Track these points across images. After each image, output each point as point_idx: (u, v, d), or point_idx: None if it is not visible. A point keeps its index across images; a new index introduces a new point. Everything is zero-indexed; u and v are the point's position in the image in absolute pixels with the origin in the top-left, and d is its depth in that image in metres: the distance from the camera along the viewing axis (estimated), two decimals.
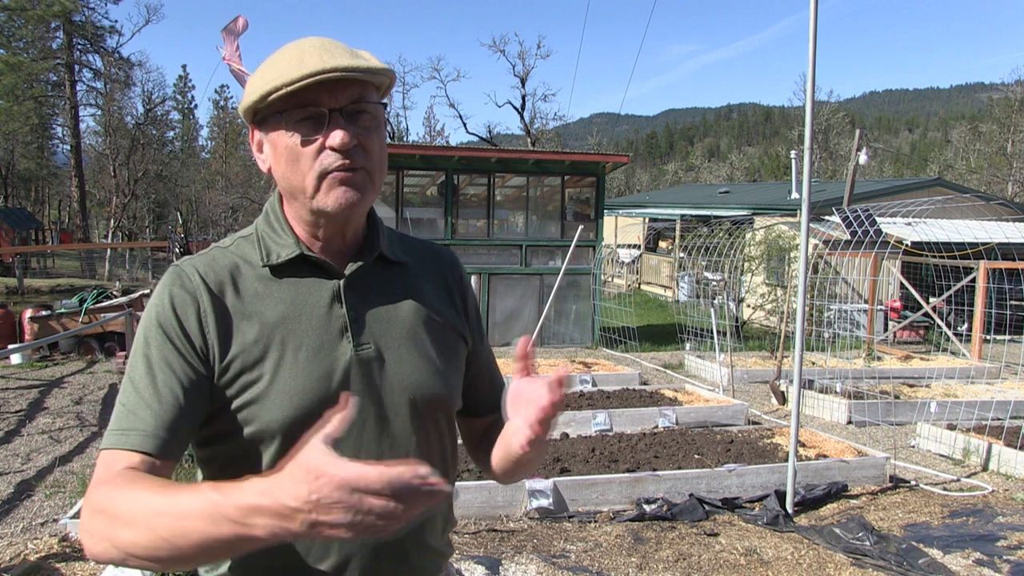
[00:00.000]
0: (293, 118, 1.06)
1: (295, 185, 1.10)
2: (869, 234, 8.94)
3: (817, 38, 4.39)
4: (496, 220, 11.95)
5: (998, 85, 60.42)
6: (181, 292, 1.10)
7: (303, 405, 1.07)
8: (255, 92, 1.07)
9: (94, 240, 37.56)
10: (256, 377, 1.08)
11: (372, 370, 1.13)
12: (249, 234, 1.19)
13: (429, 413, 1.17)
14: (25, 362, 9.59)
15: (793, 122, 51.62)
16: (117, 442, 1.01)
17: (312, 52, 1.06)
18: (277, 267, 1.14)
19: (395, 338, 1.16)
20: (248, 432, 1.08)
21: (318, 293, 1.14)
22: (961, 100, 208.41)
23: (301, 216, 1.14)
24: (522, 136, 38.17)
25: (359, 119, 1.09)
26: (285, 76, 1.04)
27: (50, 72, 35.07)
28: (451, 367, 1.22)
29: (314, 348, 1.10)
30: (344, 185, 1.08)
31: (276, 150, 1.10)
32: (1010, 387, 8.42)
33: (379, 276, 1.19)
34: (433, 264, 1.28)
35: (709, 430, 6.29)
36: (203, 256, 1.16)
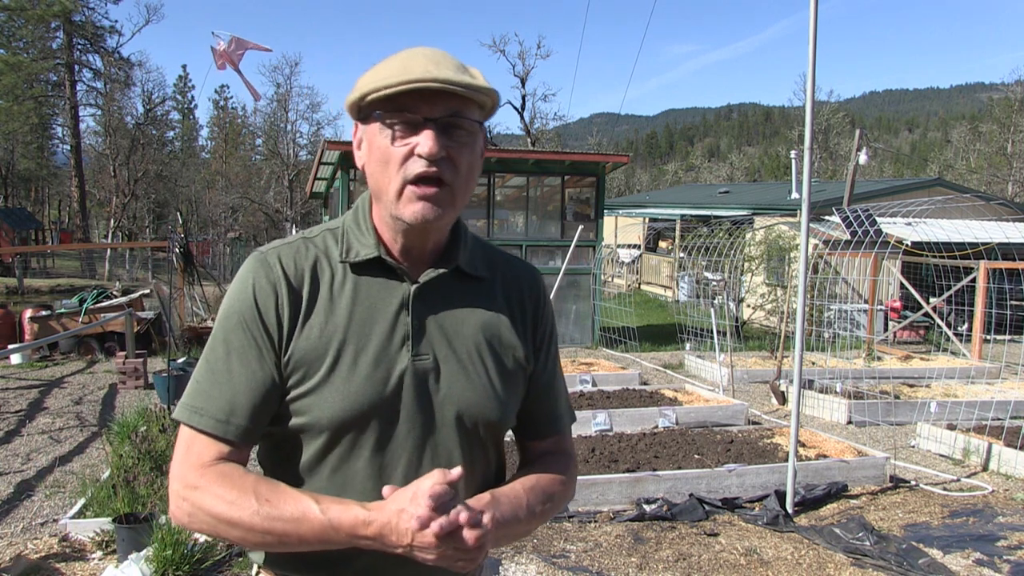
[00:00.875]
0: (390, 121, 1.08)
1: (381, 187, 1.11)
2: (869, 234, 8.93)
3: (817, 38, 4.39)
4: (496, 220, 11.95)
5: (998, 85, 60.38)
6: (263, 281, 1.13)
7: (354, 407, 1.10)
8: (357, 90, 1.09)
9: (94, 240, 37.56)
10: (315, 371, 1.11)
11: (426, 381, 1.14)
12: (336, 227, 1.21)
13: (475, 432, 1.18)
14: (25, 362, 9.59)
15: (793, 122, 51.62)
16: (198, 422, 1.11)
17: (419, 61, 1.07)
18: (355, 265, 1.16)
19: (455, 353, 1.17)
20: (298, 422, 1.12)
21: (389, 297, 1.16)
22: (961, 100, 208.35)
23: (384, 218, 1.16)
24: (522, 136, 38.15)
25: (454, 133, 1.09)
26: (387, 80, 1.05)
27: (50, 72, 35.05)
28: (507, 390, 1.21)
29: (375, 352, 1.13)
30: (424, 200, 1.09)
31: (371, 149, 1.12)
32: (1010, 387, 8.42)
33: (452, 288, 1.20)
34: (512, 282, 1.28)
35: (709, 430, 6.29)
36: (288, 245, 1.18)
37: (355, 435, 1.12)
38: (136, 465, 4.75)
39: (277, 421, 1.14)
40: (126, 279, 20.78)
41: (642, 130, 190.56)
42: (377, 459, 1.13)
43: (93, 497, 4.43)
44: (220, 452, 1.11)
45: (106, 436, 5.85)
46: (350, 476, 1.13)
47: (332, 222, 1.24)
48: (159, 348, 10.10)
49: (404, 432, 1.13)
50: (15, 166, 38.10)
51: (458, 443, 1.16)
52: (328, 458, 1.13)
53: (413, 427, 1.14)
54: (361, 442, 1.12)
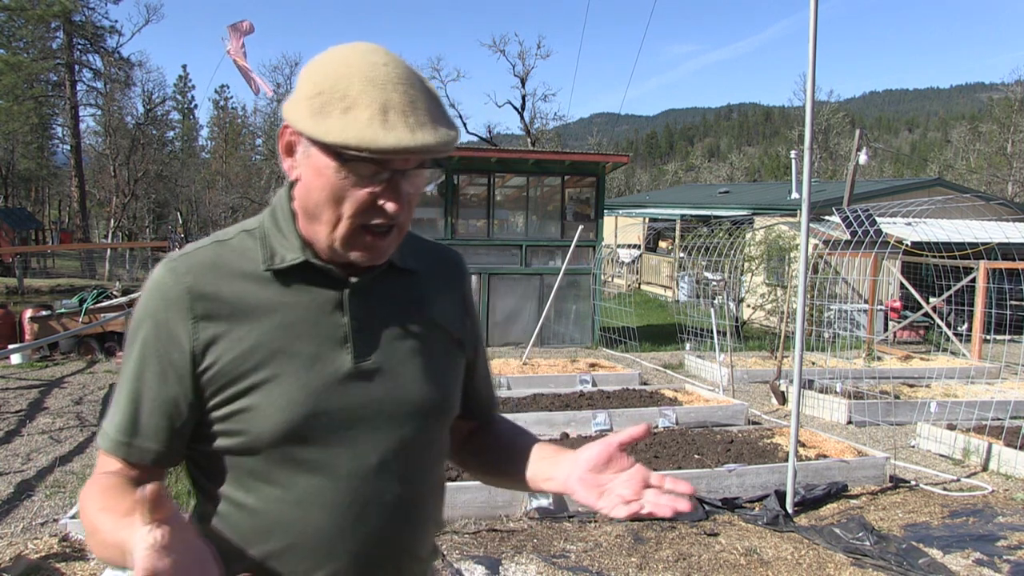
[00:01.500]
0: (355, 165, 0.99)
1: (325, 219, 1.03)
2: (869, 234, 8.93)
3: (817, 38, 4.39)
4: (496, 220, 11.95)
5: (998, 85, 60.40)
6: (172, 294, 1.05)
7: (294, 419, 1.03)
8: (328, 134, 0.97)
9: (94, 240, 37.56)
10: (247, 388, 1.04)
11: (371, 382, 1.09)
12: (253, 228, 1.13)
13: (426, 424, 1.15)
14: (25, 362, 9.59)
15: (793, 122, 51.63)
16: (106, 445, 1.07)
17: (397, 108, 0.97)
18: (279, 271, 1.08)
19: (397, 349, 1.13)
20: (234, 443, 1.05)
21: (321, 300, 1.09)
22: (961, 100, 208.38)
23: (316, 237, 1.07)
24: (522, 136, 38.18)
25: (416, 178, 1.04)
26: (370, 140, 0.95)
27: (50, 72, 35.06)
28: (452, 377, 1.21)
29: (311, 359, 1.06)
30: (374, 250, 1.05)
31: (318, 175, 1.01)
32: (1010, 387, 8.42)
33: (386, 285, 1.15)
34: (441, 270, 1.25)
35: (709, 430, 6.29)
36: (200, 251, 1.10)
37: (301, 447, 1.05)
38: None
39: (203, 440, 1.07)
40: (126, 279, 20.77)
41: (642, 130, 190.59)
42: (331, 470, 1.06)
43: None
44: (127, 474, 1.05)
45: None
46: (303, 493, 1.05)
47: (248, 222, 1.15)
48: None
49: (354, 437, 1.07)
50: (15, 166, 38.11)
51: (409, 440, 1.12)
52: (274, 476, 1.05)
53: (364, 431, 1.08)
54: (308, 454, 1.05)
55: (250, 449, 1.04)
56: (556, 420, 6.40)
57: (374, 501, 1.08)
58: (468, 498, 4.51)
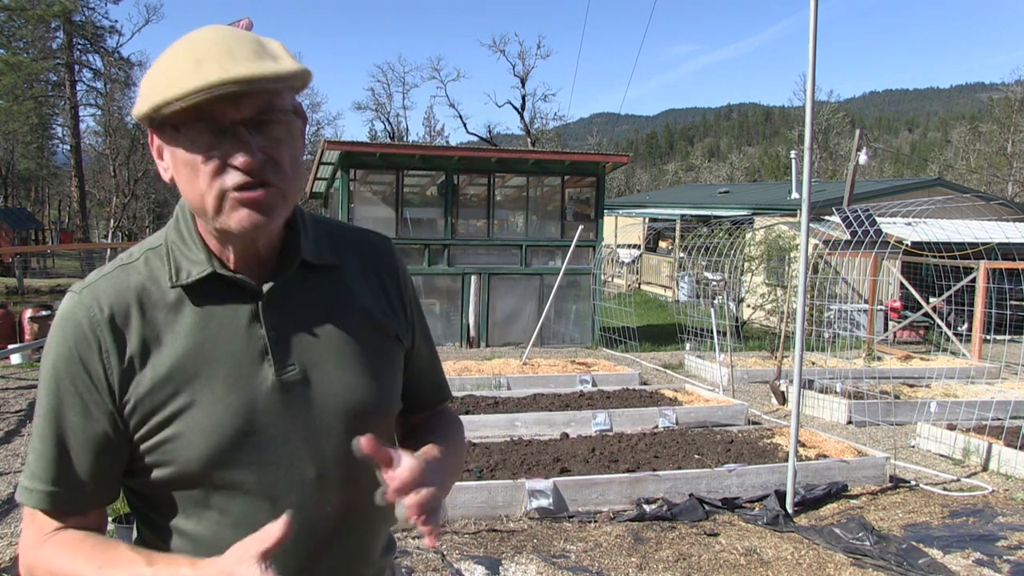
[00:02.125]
0: (191, 132, 0.93)
1: (196, 204, 0.98)
2: (869, 234, 8.93)
3: (817, 38, 4.39)
4: (496, 220, 11.96)
5: (998, 85, 60.41)
6: (80, 330, 0.99)
7: (221, 442, 0.99)
8: (146, 102, 0.93)
9: (94, 240, 37.56)
10: (169, 416, 0.99)
11: (298, 393, 1.04)
12: (158, 245, 1.06)
13: (363, 427, 1.06)
14: (25, 362, 9.59)
15: (793, 122, 51.63)
16: (37, 501, 1.01)
17: (211, 55, 0.91)
18: (188, 287, 1.02)
19: (323, 354, 1.07)
20: (165, 474, 1.00)
21: (234, 315, 1.03)
22: (961, 100, 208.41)
23: (209, 232, 1.03)
24: (522, 136, 38.19)
25: (268, 129, 0.96)
26: (180, 86, 0.90)
27: (50, 72, 35.09)
28: (387, 374, 1.14)
29: (232, 378, 1.01)
30: (247, 207, 0.96)
31: (175, 164, 0.98)
32: (1010, 387, 8.42)
33: (303, 286, 1.08)
34: (367, 259, 1.17)
35: (709, 430, 6.29)
36: (106, 278, 1.03)
37: (233, 470, 1.00)
38: None
39: (144, 474, 1.02)
40: None
41: (642, 130, 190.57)
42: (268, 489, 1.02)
43: None
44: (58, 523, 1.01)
45: None
46: (242, 516, 1.01)
47: (152, 238, 1.09)
48: None
49: (288, 452, 1.03)
50: (15, 166, 38.12)
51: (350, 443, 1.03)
52: (212, 501, 1.02)
53: (297, 444, 1.03)
54: (242, 476, 1.01)
55: (182, 477, 1.00)
56: (556, 420, 6.40)
57: (317, 514, 1.05)
58: (468, 498, 4.51)
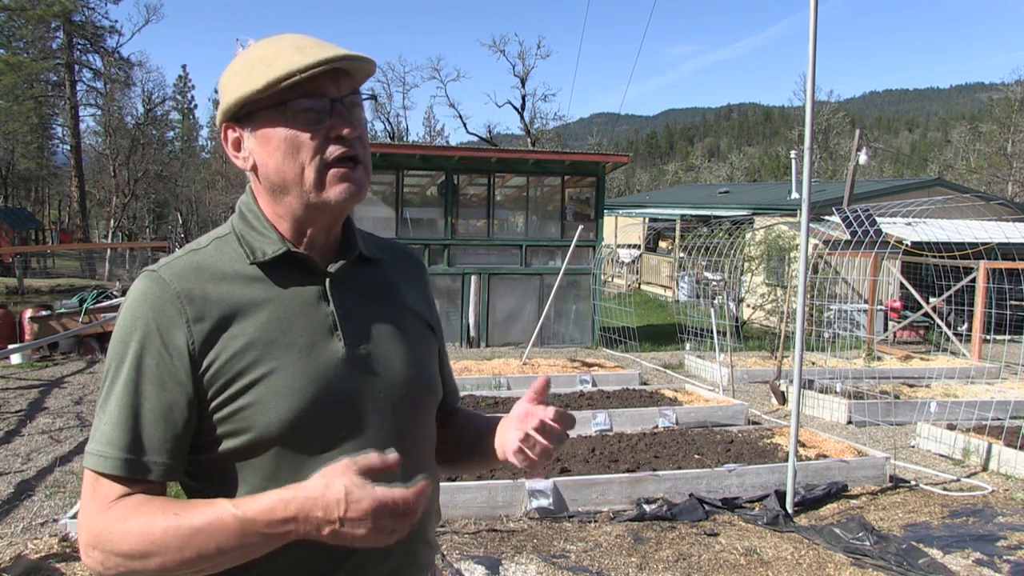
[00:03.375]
0: (296, 108, 1.04)
1: (291, 178, 1.07)
2: (869, 234, 8.93)
3: (817, 38, 4.39)
4: (496, 220, 11.96)
5: (998, 85, 60.42)
6: (160, 304, 1.04)
7: (300, 406, 1.04)
8: (255, 82, 1.04)
9: (94, 240, 37.56)
10: (248, 383, 1.04)
11: (364, 366, 1.12)
12: (226, 234, 1.14)
13: (418, 405, 1.18)
14: (25, 362, 9.59)
15: (793, 122, 51.62)
16: (104, 465, 1.01)
17: (306, 45, 1.05)
18: (262, 265, 1.11)
19: (381, 334, 1.16)
20: (244, 439, 1.04)
21: (305, 292, 1.12)
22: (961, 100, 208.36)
23: (291, 212, 1.11)
24: (522, 136, 38.18)
25: (353, 111, 1.09)
26: (294, 64, 1.02)
27: (50, 72, 35.08)
28: (432, 361, 1.25)
29: (305, 348, 1.08)
30: (346, 181, 1.08)
31: (270, 143, 1.07)
32: (1010, 387, 8.42)
33: (360, 273, 1.19)
34: (403, 262, 1.30)
35: (709, 430, 6.29)
36: (181, 260, 1.10)
37: (307, 438, 1.05)
38: None
39: (217, 445, 1.05)
40: (126, 279, 20.76)
41: (642, 130, 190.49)
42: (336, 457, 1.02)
43: None
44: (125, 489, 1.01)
45: None
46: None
47: (217, 230, 1.17)
48: None
49: (357, 421, 1.09)
50: (15, 166, 38.11)
51: (405, 421, 1.15)
52: (279, 473, 1.04)
53: (365, 414, 1.10)
54: (314, 444, 1.06)
55: (257, 445, 1.04)
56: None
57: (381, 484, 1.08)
58: (468, 498, 4.51)
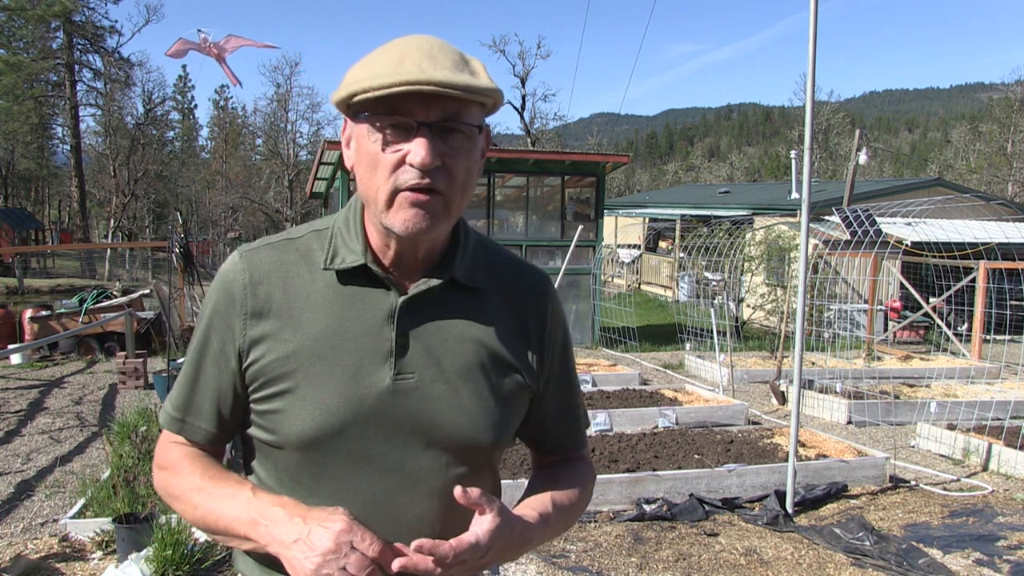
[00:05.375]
0: (380, 123, 0.99)
1: (369, 192, 1.02)
2: (869, 234, 8.93)
3: (817, 38, 4.39)
4: (496, 220, 11.96)
5: (998, 85, 60.42)
6: (231, 289, 1.08)
7: (325, 425, 1.03)
8: (345, 88, 0.99)
9: (94, 240, 37.57)
10: (283, 390, 1.04)
11: (408, 402, 1.05)
12: (324, 228, 1.12)
13: (463, 458, 1.09)
14: (25, 362, 9.59)
15: (793, 122, 51.61)
16: (163, 420, 1.15)
17: (414, 56, 0.97)
18: (339, 272, 1.07)
19: (444, 372, 1.07)
20: (270, 437, 1.07)
21: (374, 309, 1.06)
22: (961, 100, 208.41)
23: (375, 224, 1.07)
24: (522, 136, 38.15)
25: (450, 137, 0.99)
26: (377, 79, 0.96)
27: (50, 72, 35.05)
28: (503, 411, 1.11)
29: (352, 368, 1.04)
30: (416, 207, 0.99)
31: (358, 153, 1.03)
32: (1010, 387, 8.42)
33: (446, 300, 1.09)
34: (517, 291, 1.16)
35: (709, 430, 6.29)
36: (268, 248, 1.11)
37: (326, 456, 1.04)
38: (136, 465, 4.76)
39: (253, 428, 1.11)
40: (126, 279, 20.77)
41: (642, 130, 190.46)
42: (353, 483, 1.05)
43: (93, 497, 4.43)
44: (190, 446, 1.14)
45: (106, 436, 5.85)
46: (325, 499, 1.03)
47: (322, 221, 1.15)
48: (159, 348, 10.11)
49: (380, 455, 1.04)
50: (15, 166, 38.13)
51: (443, 469, 1.07)
52: (303, 479, 1.07)
53: (391, 450, 1.05)
54: (333, 464, 1.04)
55: (281, 445, 1.07)
56: None
57: (394, 520, 1.05)
58: None
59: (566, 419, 1.25)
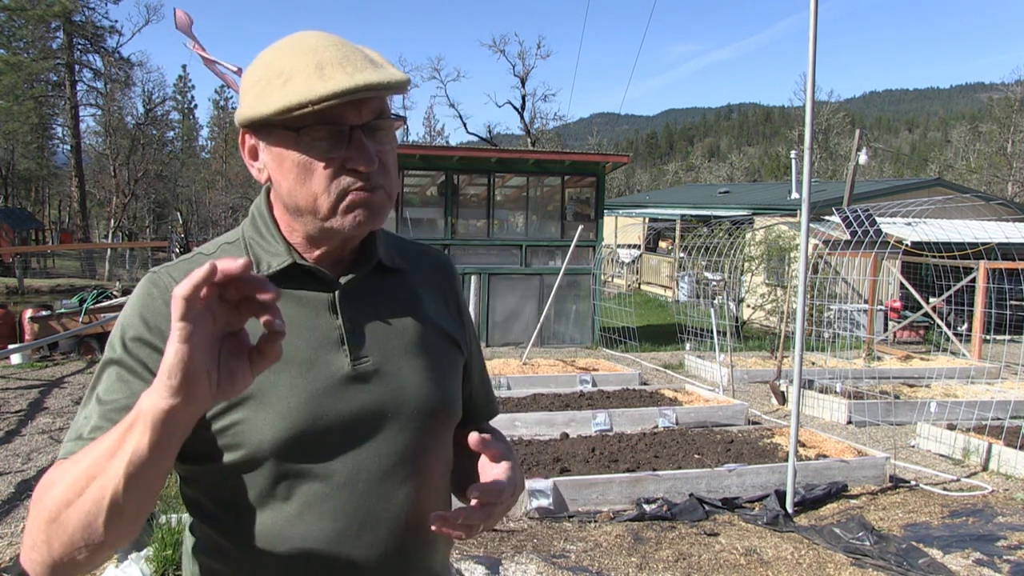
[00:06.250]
0: (311, 135, 0.97)
1: (304, 204, 1.01)
2: (869, 234, 8.94)
3: (817, 38, 4.39)
4: (496, 220, 11.95)
5: (998, 85, 60.46)
6: (157, 309, 1.00)
7: (295, 425, 1.00)
8: (268, 104, 0.96)
9: (94, 240, 37.57)
10: (243, 398, 0.99)
11: (370, 383, 1.06)
12: (235, 240, 1.10)
13: (431, 427, 1.10)
14: (25, 362, 9.59)
15: (793, 122, 51.62)
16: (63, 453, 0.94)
17: (332, 62, 0.96)
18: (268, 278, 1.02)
19: (395, 350, 1.09)
20: (235, 457, 1.00)
21: (312, 304, 1.06)
22: (961, 100, 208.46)
23: (306, 230, 1.05)
24: (522, 136, 38.19)
25: (379, 134, 1.02)
26: (309, 92, 0.93)
27: (50, 72, 35.08)
28: (452, 378, 1.16)
29: (307, 363, 1.03)
30: (363, 208, 1.01)
31: (282, 165, 1.00)
32: (1010, 387, 8.42)
33: (376, 285, 1.12)
34: (430, 269, 1.22)
35: (709, 430, 6.29)
36: (185, 263, 1.06)
37: (302, 454, 1.01)
38: None
39: (210, 459, 1.01)
40: (126, 279, 20.77)
41: (642, 130, 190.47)
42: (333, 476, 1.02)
43: None
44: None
45: None
46: (305, 503, 1.01)
47: (227, 235, 1.13)
48: None
49: (357, 442, 1.03)
50: (15, 166, 38.15)
51: (414, 444, 1.08)
52: (276, 489, 1.01)
53: (365, 436, 1.04)
54: (310, 461, 1.01)
55: (250, 462, 1.00)
56: (556, 420, 6.40)
57: (378, 509, 1.05)
58: None
59: (484, 384, 1.31)
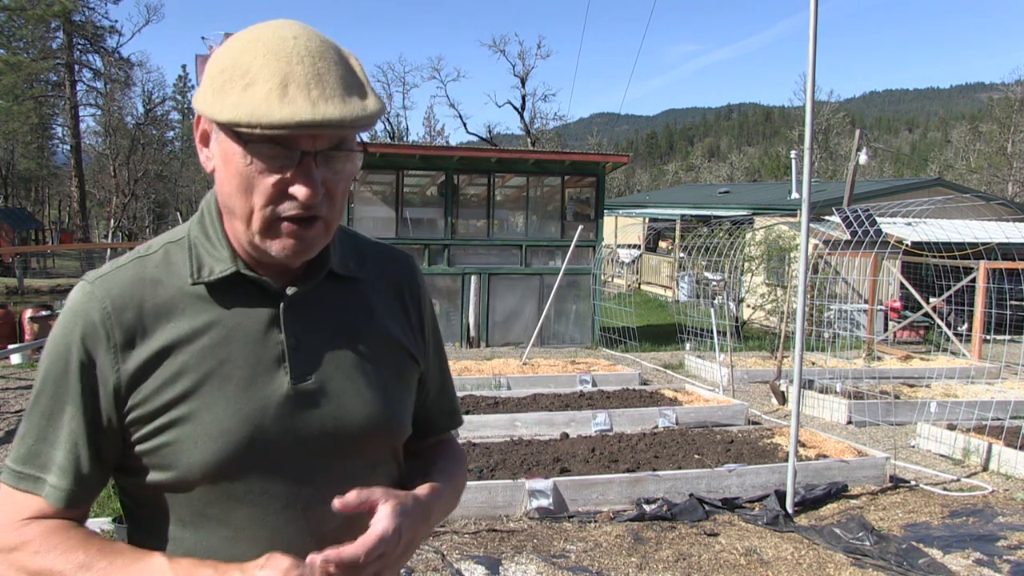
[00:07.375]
0: (259, 150, 0.90)
1: (239, 213, 0.94)
2: (869, 234, 8.94)
3: (817, 38, 4.39)
4: (496, 220, 11.96)
5: (998, 85, 60.45)
6: (90, 321, 0.95)
7: (228, 448, 0.95)
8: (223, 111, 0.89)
9: (94, 240, 37.57)
10: (176, 418, 0.95)
11: (311, 403, 1.00)
12: (180, 238, 1.03)
13: (375, 447, 1.06)
14: (25, 362, 9.59)
15: (793, 122, 51.62)
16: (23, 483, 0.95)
17: (299, 81, 0.89)
18: (209, 285, 0.99)
19: (340, 367, 1.03)
20: (166, 477, 0.96)
21: (254, 316, 1.00)
22: (961, 100, 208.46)
23: (237, 237, 0.99)
24: (522, 136, 38.20)
25: (334, 162, 0.94)
26: (263, 114, 0.86)
27: (50, 72, 35.11)
28: (402, 394, 1.10)
29: (245, 381, 0.97)
30: (295, 239, 0.94)
31: (227, 167, 0.93)
32: (1010, 387, 8.42)
33: (326, 295, 1.05)
34: (389, 274, 1.15)
35: (709, 430, 6.29)
36: (121, 270, 1.00)
37: (236, 478, 0.96)
38: None
39: (142, 476, 0.98)
40: None
41: (642, 130, 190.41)
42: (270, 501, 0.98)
43: None
44: (42, 511, 0.95)
45: None
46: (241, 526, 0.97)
47: (175, 231, 1.06)
48: None
49: (295, 464, 0.98)
50: (15, 166, 38.16)
51: (356, 464, 1.03)
52: (210, 510, 0.97)
53: (302, 459, 0.99)
54: (245, 485, 0.97)
55: (181, 483, 0.96)
56: (556, 420, 6.40)
57: (315, 532, 1.00)
58: (468, 498, 4.51)
59: (446, 397, 1.25)
